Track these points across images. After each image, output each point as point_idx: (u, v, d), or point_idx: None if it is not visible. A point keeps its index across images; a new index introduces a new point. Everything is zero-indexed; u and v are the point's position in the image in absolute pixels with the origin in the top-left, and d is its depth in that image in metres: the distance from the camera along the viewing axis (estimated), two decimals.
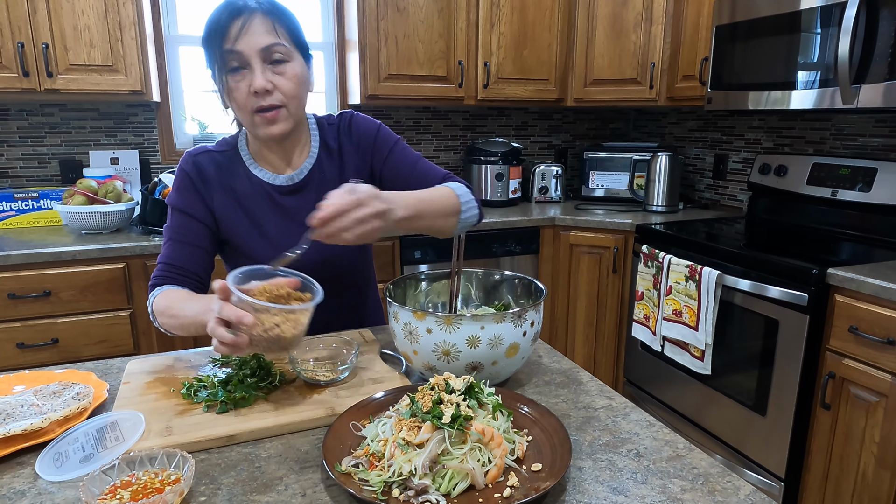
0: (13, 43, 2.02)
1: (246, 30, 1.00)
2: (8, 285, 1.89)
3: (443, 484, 0.66)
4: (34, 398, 0.85)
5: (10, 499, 0.68)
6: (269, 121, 1.05)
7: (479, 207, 1.15)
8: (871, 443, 1.62)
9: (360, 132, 1.21)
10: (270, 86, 1.02)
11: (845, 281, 1.65)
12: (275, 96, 1.04)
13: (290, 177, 1.16)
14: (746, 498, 0.69)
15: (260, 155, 1.17)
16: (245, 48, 1.00)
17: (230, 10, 1.01)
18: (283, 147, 1.16)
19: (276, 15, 1.04)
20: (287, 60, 1.04)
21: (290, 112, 1.07)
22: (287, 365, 1.01)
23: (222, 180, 1.14)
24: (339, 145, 1.21)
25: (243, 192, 1.15)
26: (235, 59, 1.02)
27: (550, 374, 1.02)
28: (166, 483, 0.67)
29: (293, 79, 1.05)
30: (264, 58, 1.02)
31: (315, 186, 1.17)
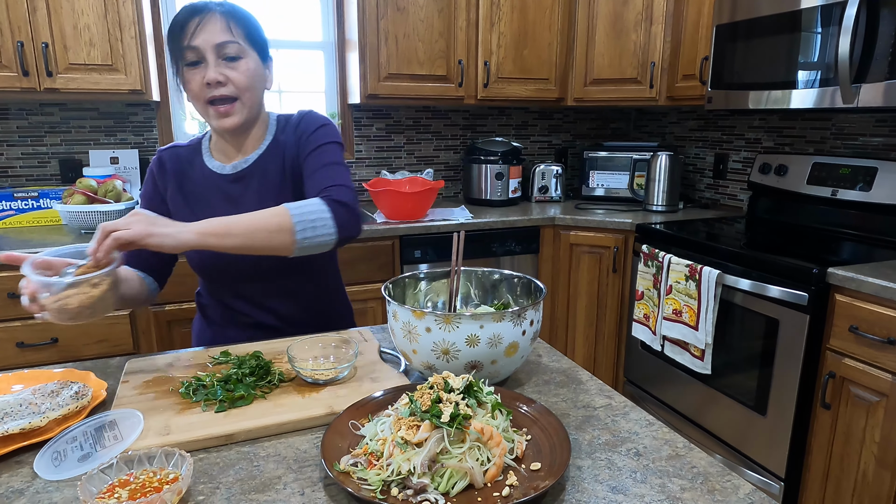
0: (13, 42, 2.02)
1: (202, 27, 1.09)
2: (8, 285, 1.89)
3: (441, 483, 0.66)
4: (32, 397, 0.85)
5: (8, 498, 0.68)
6: (222, 113, 1.13)
7: (342, 226, 1.07)
8: (872, 442, 1.62)
9: (302, 127, 1.23)
10: (223, 77, 1.10)
11: (846, 280, 1.65)
12: (227, 88, 1.11)
13: (233, 165, 1.22)
14: (746, 497, 0.69)
15: (217, 147, 1.24)
16: (201, 43, 1.09)
17: (190, 10, 1.11)
18: (238, 140, 1.22)
19: (231, 16, 1.12)
20: (240, 57, 1.12)
21: (244, 104, 1.14)
22: (286, 364, 1.00)
23: (179, 172, 1.23)
24: (285, 136, 1.25)
25: (195, 182, 1.22)
26: (192, 54, 1.10)
27: (550, 374, 1.02)
28: (164, 482, 0.67)
29: (245, 73, 1.12)
30: (219, 53, 1.10)
31: (258, 176, 1.21)
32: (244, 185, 1.21)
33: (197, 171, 1.23)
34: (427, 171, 2.85)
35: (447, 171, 3.13)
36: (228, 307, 1.26)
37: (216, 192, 1.21)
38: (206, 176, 1.22)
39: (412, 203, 2.41)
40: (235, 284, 1.23)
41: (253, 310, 1.25)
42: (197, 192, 1.22)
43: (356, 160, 2.93)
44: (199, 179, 1.22)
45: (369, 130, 2.93)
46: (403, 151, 3.02)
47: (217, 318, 1.28)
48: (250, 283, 1.23)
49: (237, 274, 1.21)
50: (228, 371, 0.94)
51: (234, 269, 1.20)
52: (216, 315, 1.28)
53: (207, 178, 1.22)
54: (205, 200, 1.21)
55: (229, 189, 1.21)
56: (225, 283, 1.24)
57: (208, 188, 1.21)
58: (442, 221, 2.44)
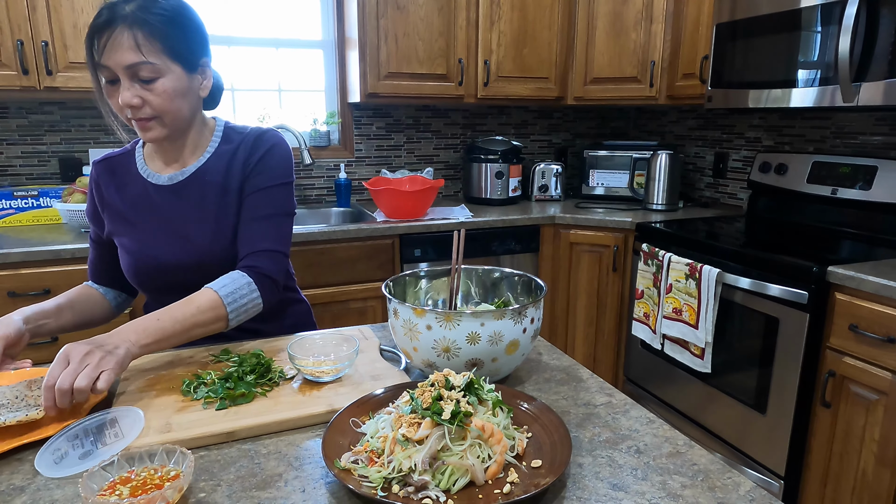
0: (12, 41, 2.02)
1: (111, 45, 0.99)
2: (7, 283, 1.89)
3: (443, 480, 0.66)
4: (27, 390, 0.85)
5: (9, 495, 0.68)
6: (143, 128, 1.06)
7: (268, 300, 1.10)
8: (871, 441, 1.62)
9: (256, 155, 1.16)
10: (138, 101, 1.02)
11: (845, 279, 1.65)
12: (144, 110, 1.04)
13: (170, 176, 1.16)
14: (747, 494, 0.69)
15: (152, 154, 1.19)
16: (112, 64, 1.00)
17: (104, 19, 0.99)
18: (171, 148, 1.16)
19: (141, 29, 0.99)
20: (156, 77, 1.02)
21: (166, 123, 1.07)
22: (287, 362, 1.00)
23: (113, 184, 1.18)
24: (235, 152, 1.17)
25: (129, 191, 1.17)
26: (105, 72, 1.02)
27: (550, 371, 1.02)
28: (165, 479, 0.67)
29: (162, 94, 1.03)
30: (131, 75, 1.01)
31: (196, 188, 1.15)
32: (179, 197, 1.15)
33: (130, 176, 1.17)
34: (427, 170, 2.86)
35: (447, 169, 3.13)
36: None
37: (149, 203, 1.16)
38: (138, 183, 1.17)
39: (412, 202, 2.41)
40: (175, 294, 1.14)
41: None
42: (132, 202, 1.16)
43: (356, 159, 2.93)
44: (131, 186, 1.17)
45: (369, 129, 2.93)
46: (403, 150, 3.02)
47: None
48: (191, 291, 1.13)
49: (175, 283, 1.16)
50: (229, 369, 0.94)
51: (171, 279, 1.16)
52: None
53: (140, 185, 1.16)
54: (139, 210, 1.15)
55: (163, 201, 1.15)
56: (163, 293, 1.18)
57: (140, 196, 1.16)
58: (442, 220, 2.44)
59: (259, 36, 2.71)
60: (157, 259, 1.14)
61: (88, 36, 1.01)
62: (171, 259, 1.14)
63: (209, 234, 1.14)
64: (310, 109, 2.85)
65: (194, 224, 1.15)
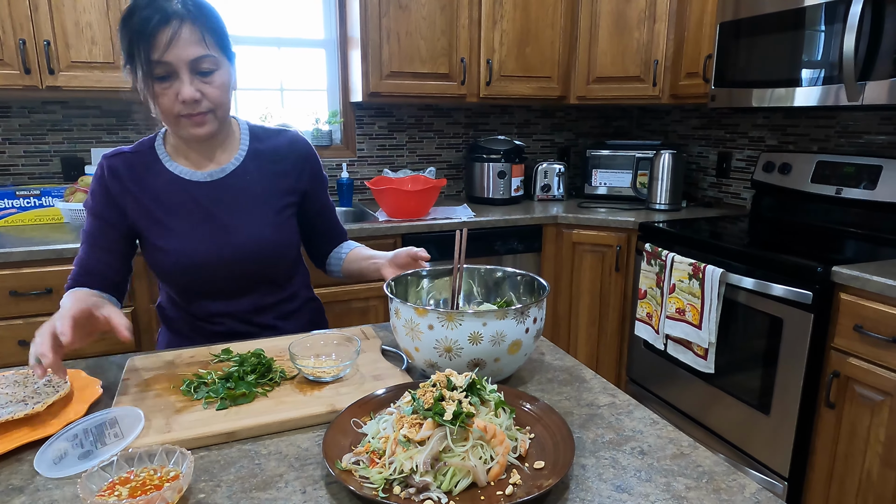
0: (15, 40, 2.01)
1: (175, 41, 1.00)
2: (9, 283, 1.89)
3: (444, 481, 0.66)
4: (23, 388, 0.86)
5: (8, 495, 0.67)
6: (196, 123, 1.07)
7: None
8: (876, 442, 1.61)
9: (303, 155, 1.27)
10: (199, 95, 1.04)
11: (850, 279, 1.64)
12: (202, 104, 1.06)
13: (209, 173, 1.17)
14: (752, 496, 0.68)
15: (179, 152, 1.18)
16: (174, 59, 1.01)
17: (159, 17, 0.99)
18: (207, 145, 1.17)
19: (203, 22, 1.03)
20: (214, 70, 1.06)
21: (217, 116, 1.10)
22: (288, 362, 1.00)
23: (136, 180, 1.15)
24: (273, 154, 1.23)
25: (159, 188, 1.15)
26: (162, 69, 1.01)
27: (553, 372, 1.02)
28: (165, 480, 0.67)
29: (220, 87, 1.07)
30: (192, 68, 1.03)
31: (237, 185, 1.18)
32: (221, 195, 1.17)
33: (158, 175, 1.16)
34: (429, 170, 2.85)
35: (449, 169, 3.13)
36: (198, 316, 1.21)
37: (188, 199, 1.16)
38: (170, 181, 1.16)
39: (414, 201, 2.40)
40: (208, 292, 1.20)
41: (224, 319, 1.22)
42: (164, 200, 1.15)
43: (358, 158, 2.92)
44: (161, 184, 1.15)
45: (371, 129, 2.92)
46: (406, 150, 3.02)
47: (186, 329, 1.24)
48: (224, 289, 1.20)
49: (211, 281, 1.18)
50: (230, 369, 0.93)
51: (209, 277, 1.17)
52: (185, 327, 1.24)
53: (175, 183, 1.16)
54: (176, 208, 1.15)
55: (205, 197, 1.16)
56: (197, 291, 1.20)
57: (177, 195, 1.15)
58: (444, 220, 2.43)
59: (261, 35, 2.70)
60: (200, 256, 1.14)
61: (143, 35, 0.99)
62: (215, 256, 1.15)
63: (250, 231, 1.17)
64: (312, 109, 2.84)
65: (236, 222, 1.17)
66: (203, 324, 1.22)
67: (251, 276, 1.20)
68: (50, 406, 0.83)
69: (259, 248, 1.18)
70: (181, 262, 1.14)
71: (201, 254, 1.15)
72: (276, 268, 1.24)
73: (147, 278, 2.05)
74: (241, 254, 1.17)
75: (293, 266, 1.30)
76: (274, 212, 1.21)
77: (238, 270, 1.18)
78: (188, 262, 1.14)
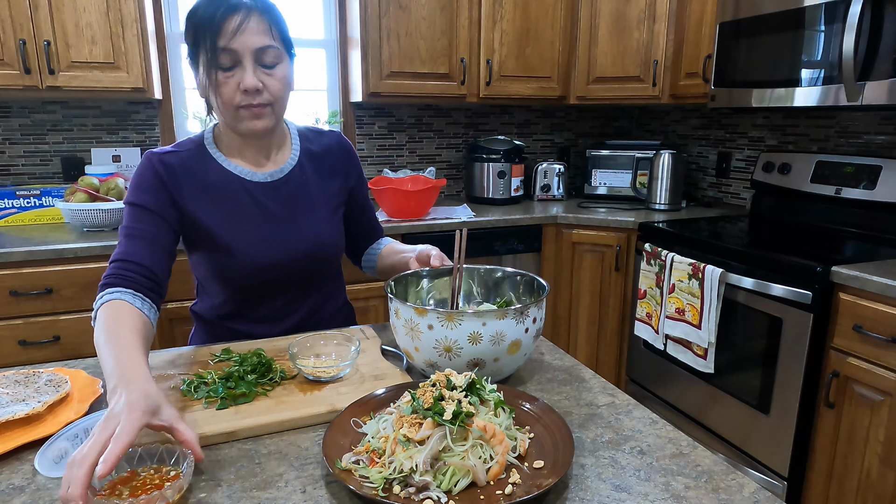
0: (15, 40, 2.02)
1: (243, 28, 1.01)
2: (10, 282, 1.89)
3: (444, 481, 0.66)
4: (0, 388, 0.86)
5: (9, 494, 0.68)
6: (255, 115, 1.06)
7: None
8: (876, 442, 1.61)
9: (350, 154, 1.29)
10: (261, 85, 1.04)
11: (850, 279, 1.64)
12: (263, 96, 1.05)
13: (270, 173, 1.17)
14: (751, 496, 0.68)
15: (234, 150, 1.16)
16: (240, 47, 1.01)
17: (226, 7, 1.00)
18: (263, 143, 1.17)
19: (270, 15, 1.04)
20: (277, 63, 1.06)
21: (275, 111, 1.09)
22: (288, 361, 1.00)
23: (194, 178, 1.12)
24: (324, 154, 1.25)
25: (218, 187, 1.13)
26: (227, 58, 1.02)
27: (553, 372, 1.02)
28: (166, 479, 0.67)
29: (282, 80, 1.07)
30: (256, 58, 1.03)
31: (294, 185, 1.19)
32: (279, 194, 1.17)
33: (216, 174, 1.13)
34: (429, 170, 2.85)
35: (449, 169, 3.13)
36: (246, 318, 1.20)
37: (245, 195, 1.14)
38: (230, 180, 1.14)
39: (414, 201, 2.40)
40: (263, 294, 1.19)
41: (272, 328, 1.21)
42: (221, 197, 1.13)
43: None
44: (219, 183, 1.13)
45: (371, 129, 2.93)
46: (405, 150, 3.02)
47: (225, 336, 1.22)
48: (279, 290, 1.20)
49: (269, 282, 1.17)
50: (230, 368, 0.94)
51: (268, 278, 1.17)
52: (224, 333, 1.22)
53: (232, 182, 1.14)
54: (237, 208, 1.13)
55: (262, 197, 1.15)
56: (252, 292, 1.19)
57: (236, 193, 1.14)
58: (444, 220, 2.43)
59: None
60: (263, 258, 1.14)
61: (210, 23, 0.99)
62: (278, 257, 1.15)
63: (311, 231, 1.18)
64: (312, 109, 2.84)
65: (297, 222, 1.18)
66: (247, 329, 1.20)
67: (307, 276, 1.21)
68: (50, 406, 0.83)
69: (318, 248, 1.20)
70: (246, 263, 1.13)
71: (264, 255, 1.14)
72: (330, 267, 1.26)
73: None
74: (302, 254, 1.17)
75: (339, 266, 1.32)
76: (329, 211, 1.23)
77: (296, 270, 1.18)
78: (252, 263, 1.13)
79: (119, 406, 0.69)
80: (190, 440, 0.69)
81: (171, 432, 0.71)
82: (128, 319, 0.90)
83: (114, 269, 1.00)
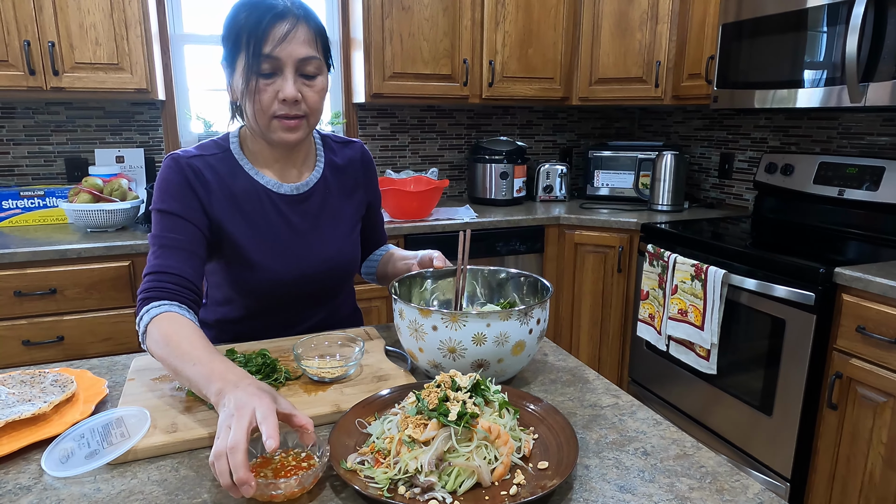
0: (19, 41, 2.02)
1: (291, 38, 0.99)
2: (14, 283, 1.90)
3: (449, 481, 0.66)
4: (6, 388, 0.87)
5: (16, 494, 0.68)
6: (289, 128, 1.04)
7: None
8: (879, 443, 1.61)
9: (370, 167, 1.29)
10: (300, 96, 1.02)
11: (853, 280, 1.64)
12: (301, 107, 1.04)
13: (296, 186, 1.15)
14: (755, 497, 0.68)
15: (261, 160, 1.14)
16: (284, 56, 0.99)
17: (274, 13, 0.98)
18: (292, 155, 1.15)
19: (316, 26, 1.04)
20: (318, 74, 1.05)
21: (309, 123, 1.08)
22: (292, 362, 1.00)
23: (221, 184, 1.09)
24: (348, 167, 1.24)
25: (244, 197, 1.11)
26: (269, 64, 0.99)
27: (556, 373, 1.02)
28: (300, 462, 0.71)
29: (320, 93, 1.06)
30: (298, 68, 1.01)
31: (318, 200, 1.18)
32: (302, 208, 1.16)
33: (244, 183, 1.11)
34: (431, 171, 2.85)
35: (451, 170, 3.13)
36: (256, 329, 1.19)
37: (271, 207, 1.12)
38: (256, 191, 1.11)
39: (417, 202, 2.41)
40: (279, 306, 1.18)
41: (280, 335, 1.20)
42: (247, 207, 1.11)
43: None
44: (246, 193, 1.11)
45: (374, 130, 2.93)
46: (408, 151, 3.02)
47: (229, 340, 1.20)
48: (295, 303, 1.19)
49: (287, 295, 1.17)
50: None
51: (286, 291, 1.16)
52: (229, 339, 1.20)
53: (259, 193, 1.12)
54: (263, 215, 1.12)
55: (287, 209, 1.14)
56: (269, 305, 1.18)
57: (262, 202, 1.12)
58: (447, 220, 2.44)
59: None
60: (284, 271, 1.12)
61: (256, 29, 0.98)
62: (297, 271, 1.14)
63: (331, 247, 1.18)
64: None
65: (319, 237, 1.17)
66: (259, 335, 1.18)
67: (322, 290, 1.20)
68: (56, 406, 0.84)
69: (337, 264, 1.19)
70: (263, 276, 1.11)
71: (284, 270, 1.13)
72: (346, 281, 1.26)
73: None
74: (320, 270, 1.17)
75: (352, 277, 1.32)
76: (349, 227, 1.22)
77: (313, 286, 1.18)
78: (270, 277, 1.12)
79: (244, 398, 0.71)
80: (307, 425, 0.72)
81: (289, 419, 0.73)
82: (191, 328, 0.90)
83: (152, 281, 0.98)
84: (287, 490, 0.65)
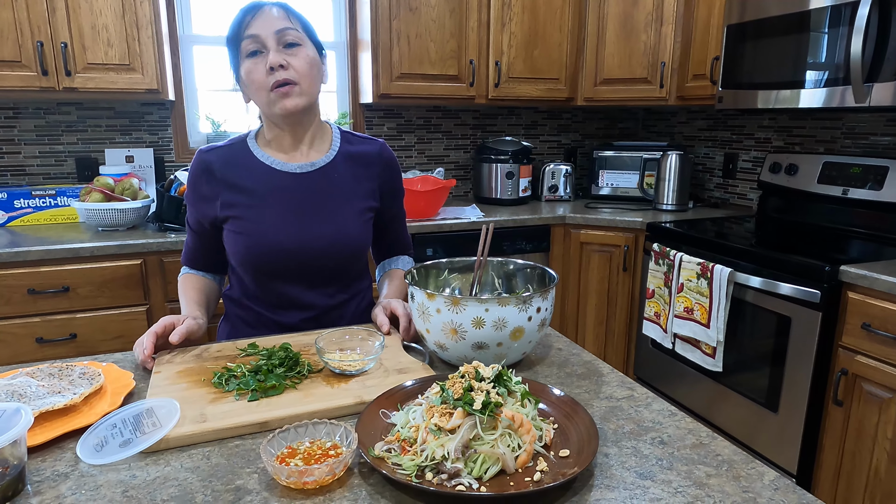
0: (33, 42, 2.05)
1: (261, 16, 1.13)
2: (27, 281, 1.92)
3: (475, 468, 0.68)
4: (35, 381, 0.88)
5: (55, 480, 0.70)
6: (283, 94, 1.14)
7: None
8: (884, 439, 1.63)
9: (391, 166, 1.34)
10: (284, 62, 1.13)
11: (858, 278, 1.66)
12: (289, 72, 1.13)
13: (300, 165, 1.23)
14: (771, 483, 0.70)
15: (272, 143, 1.25)
16: (261, 31, 1.12)
17: (249, 7, 1.15)
18: (296, 132, 1.23)
19: (289, 9, 1.17)
20: (299, 44, 1.15)
21: (303, 90, 1.15)
22: (314, 356, 1.03)
23: (228, 172, 1.21)
24: (362, 158, 1.29)
25: (249, 177, 1.21)
26: (252, 43, 1.13)
27: (571, 366, 1.04)
28: (327, 451, 0.72)
29: (305, 59, 1.15)
30: (279, 40, 1.13)
31: (324, 181, 1.23)
32: (306, 185, 1.22)
33: (249, 165, 1.22)
34: (438, 171, 2.88)
35: (457, 170, 3.15)
36: (269, 303, 1.25)
37: (277, 187, 1.21)
38: (263, 171, 1.21)
39: (424, 202, 2.43)
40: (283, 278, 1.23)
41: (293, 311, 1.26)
42: (253, 188, 1.20)
43: None
44: (253, 174, 1.21)
45: (380, 130, 2.95)
46: (414, 151, 3.04)
47: (252, 320, 1.28)
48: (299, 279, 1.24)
49: (288, 267, 1.22)
50: (258, 362, 0.96)
51: (286, 263, 1.21)
52: (252, 318, 1.28)
53: (266, 173, 1.21)
54: (264, 194, 1.20)
55: (293, 187, 1.21)
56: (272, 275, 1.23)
57: (267, 182, 1.21)
58: (454, 220, 2.46)
59: None
60: (281, 241, 1.19)
61: (236, 22, 1.15)
62: (296, 243, 1.20)
63: (333, 226, 1.23)
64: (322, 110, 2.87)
65: (321, 215, 1.22)
66: (271, 314, 1.26)
67: (327, 270, 1.25)
68: (86, 397, 0.86)
69: (338, 244, 1.23)
70: (261, 243, 1.19)
71: (283, 239, 1.19)
72: (350, 265, 1.29)
73: (161, 277, 2.08)
74: (321, 245, 1.21)
75: (364, 267, 1.36)
76: (356, 212, 1.26)
77: (316, 263, 1.22)
78: (268, 244, 1.19)
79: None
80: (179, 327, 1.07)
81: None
82: (191, 285, 1.29)
83: (184, 253, 1.34)
84: (319, 476, 0.67)
